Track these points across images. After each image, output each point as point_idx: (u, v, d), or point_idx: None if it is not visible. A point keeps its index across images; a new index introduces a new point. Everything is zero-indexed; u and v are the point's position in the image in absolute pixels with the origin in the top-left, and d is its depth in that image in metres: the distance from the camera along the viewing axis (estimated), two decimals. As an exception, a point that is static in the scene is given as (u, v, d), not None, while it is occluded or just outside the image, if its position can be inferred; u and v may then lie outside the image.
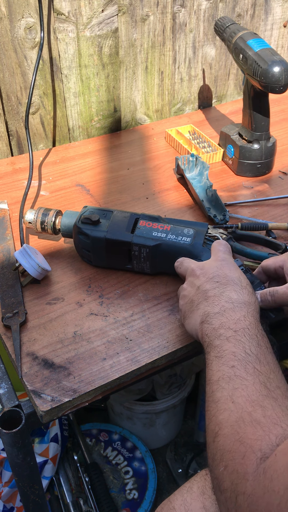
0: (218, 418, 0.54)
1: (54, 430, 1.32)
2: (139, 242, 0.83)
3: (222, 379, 0.57)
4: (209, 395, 0.57)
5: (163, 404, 1.40)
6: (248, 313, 0.63)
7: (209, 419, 0.55)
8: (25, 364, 0.72)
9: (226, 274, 0.69)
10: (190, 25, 1.31)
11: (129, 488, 1.34)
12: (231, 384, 0.55)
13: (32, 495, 0.78)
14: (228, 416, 0.53)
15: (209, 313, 0.65)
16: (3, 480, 1.23)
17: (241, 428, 0.51)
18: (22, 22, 1.07)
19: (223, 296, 0.65)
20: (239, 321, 0.61)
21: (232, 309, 0.63)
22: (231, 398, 0.54)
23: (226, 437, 0.51)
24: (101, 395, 0.71)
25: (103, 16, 1.16)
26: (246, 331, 0.60)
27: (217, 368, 0.58)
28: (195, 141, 1.25)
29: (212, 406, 0.56)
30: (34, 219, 0.91)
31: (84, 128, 1.30)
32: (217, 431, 0.53)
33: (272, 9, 1.42)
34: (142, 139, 1.31)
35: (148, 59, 1.30)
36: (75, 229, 0.87)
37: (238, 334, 0.60)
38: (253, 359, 0.57)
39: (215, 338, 0.61)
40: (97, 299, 0.84)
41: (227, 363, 0.58)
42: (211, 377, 0.58)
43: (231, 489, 0.48)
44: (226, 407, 0.54)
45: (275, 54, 1.01)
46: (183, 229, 0.85)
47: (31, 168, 1.07)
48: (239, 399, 0.54)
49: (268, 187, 1.12)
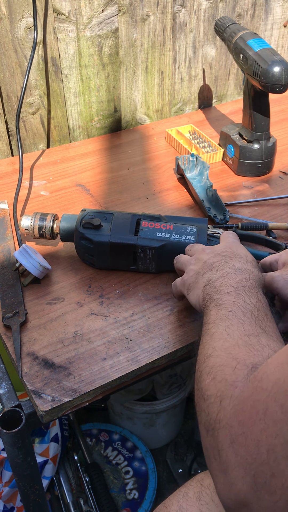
0: (212, 344, 0.55)
1: (55, 430, 1.32)
2: (144, 244, 0.83)
3: (219, 319, 0.58)
4: (204, 332, 0.59)
5: (164, 404, 1.40)
6: (249, 277, 0.64)
7: (202, 347, 0.57)
8: (25, 364, 0.72)
9: (233, 250, 0.71)
10: (190, 25, 1.31)
11: (130, 488, 1.34)
12: (227, 321, 0.57)
13: (32, 495, 0.78)
14: (223, 343, 0.54)
15: (212, 278, 0.66)
16: (3, 480, 1.23)
17: (234, 350, 0.52)
18: (22, 22, 1.07)
19: (228, 264, 0.67)
20: (240, 281, 0.63)
21: (234, 273, 0.65)
22: (226, 331, 0.56)
23: (219, 357, 0.53)
24: (101, 395, 0.71)
25: (103, 16, 1.16)
26: (246, 288, 0.62)
27: (216, 313, 0.60)
28: (195, 141, 1.25)
29: (207, 338, 0.57)
30: (31, 225, 0.90)
31: (84, 128, 1.30)
32: (210, 353, 0.54)
33: (272, 9, 1.42)
34: (142, 139, 1.31)
35: (148, 59, 1.30)
36: (77, 234, 0.86)
37: (239, 290, 0.61)
38: (251, 307, 0.58)
39: (215, 293, 0.63)
40: (97, 299, 0.84)
41: (225, 308, 0.59)
42: (208, 319, 0.60)
43: (216, 395, 0.49)
44: (220, 337, 0.55)
45: (275, 54, 1.01)
46: (186, 227, 0.85)
47: (21, 168, 1.07)
48: (235, 332, 0.55)
49: (268, 187, 1.12)
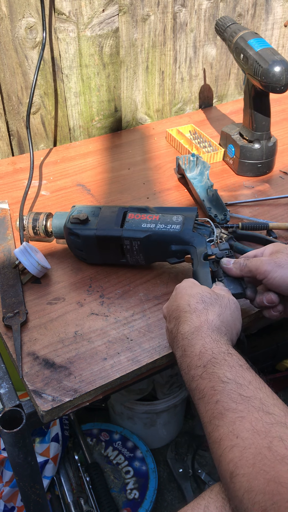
0: (228, 457, 0.50)
1: (55, 430, 1.32)
2: (129, 235, 0.83)
3: (214, 418, 0.53)
4: (208, 438, 0.54)
5: (164, 404, 1.40)
6: (204, 337, 0.61)
7: (218, 460, 0.52)
8: (26, 364, 0.72)
9: (178, 304, 0.67)
10: (190, 24, 1.31)
11: (130, 488, 1.34)
12: (225, 419, 0.52)
13: (33, 495, 0.78)
14: (241, 453, 0.49)
15: (178, 357, 0.63)
16: (4, 480, 1.23)
17: (267, 466, 0.46)
18: (22, 22, 1.07)
19: (178, 333, 0.64)
20: (201, 353, 0.59)
21: (188, 344, 0.61)
22: (233, 433, 0.50)
23: (250, 476, 0.47)
24: (101, 395, 0.71)
25: (103, 16, 1.16)
26: (213, 361, 0.57)
27: (204, 409, 0.55)
28: (196, 141, 1.25)
29: (215, 447, 0.52)
30: (25, 225, 0.92)
31: (85, 128, 1.30)
32: (232, 470, 0.49)
33: (273, 9, 1.42)
34: (143, 139, 1.31)
35: (148, 59, 1.30)
36: (66, 230, 0.87)
37: (208, 367, 0.57)
38: (233, 386, 0.54)
39: (191, 382, 0.59)
40: (97, 299, 0.84)
41: (210, 400, 0.55)
42: (203, 419, 0.56)
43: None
44: (232, 443, 0.50)
45: (276, 54, 1.01)
46: (172, 216, 0.84)
47: (32, 167, 1.07)
48: (243, 433, 0.50)
49: (269, 186, 1.12)
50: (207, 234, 0.83)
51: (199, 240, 0.80)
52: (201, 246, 0.79)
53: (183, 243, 0.81)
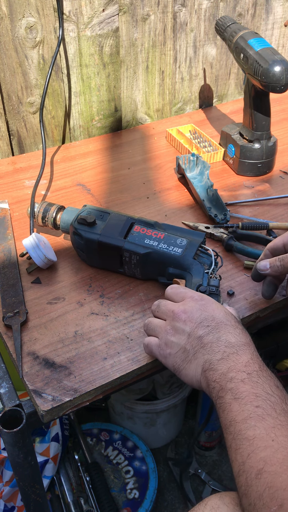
0: (260, 455, 0.51)
1: (55, 430, 1.32)
2: (130, 248, 0.82)
3: (250, 418, 0.54)
4: (237, 434, 0.54)
5: (164, 403, 1.40)
6: (253, 355, 0.61)
7: (246, 456, 0.52)
8: (26, 364, 0.72)
9: (212, 315, 0.66)
10: (191, 24, 1.31)
11: (130, 488, 1.34)
12: (264, 423, 0.53)
13: (33, 495, 0.78)
14: (273, 454, 0.50)
15: (212, 360, 0.62)
16: (4, 480, 1.23)
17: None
18: (23, 22, 1.07)
19: (221, 341, 0.63)
20: (248, 364, 0.59)
21: (236, 353, 0.61)
22: (269, 436, 0.51)
23: (277, 474, 0.49)
24: (102, 394, 0.71)
25: (103, 16, 1.16)
26: (260, 373, 0.58)
27: (240, 408, 0.55)
28: (196, 141, 1.25)
29: (245, 444, 0.52)
30: (36, 212, 0.93)
31: (85, 128, 1.30)
32: (261, 467, 0.50)
33: (273, 9, 1.42)
34: (143, 138, 1.31)
35: (149, 59, 1.30)
36: (71, 229, 0.87)
37: (253, 376, 0.57)
38: (277, 400, 0.54)
39: (227, 382, 0.58)
40: (98, 298, 0.84)
41: (250, 403, 0.55)
42: (235, 417, 0.55)
43: None
44: (266, 444, 0.51)
45: (276, 54, 1.01)
46: (177, 238, 0.83)
47: (43, 163, 1.07)
48: (280, 438, 0.51)
49: (269, 186, 1.12)
50: (207, 264, 0.81)
51: (197, 269, 0.78)
52: (197, 276, 0.78)
53: (181, 268, 0.80)
